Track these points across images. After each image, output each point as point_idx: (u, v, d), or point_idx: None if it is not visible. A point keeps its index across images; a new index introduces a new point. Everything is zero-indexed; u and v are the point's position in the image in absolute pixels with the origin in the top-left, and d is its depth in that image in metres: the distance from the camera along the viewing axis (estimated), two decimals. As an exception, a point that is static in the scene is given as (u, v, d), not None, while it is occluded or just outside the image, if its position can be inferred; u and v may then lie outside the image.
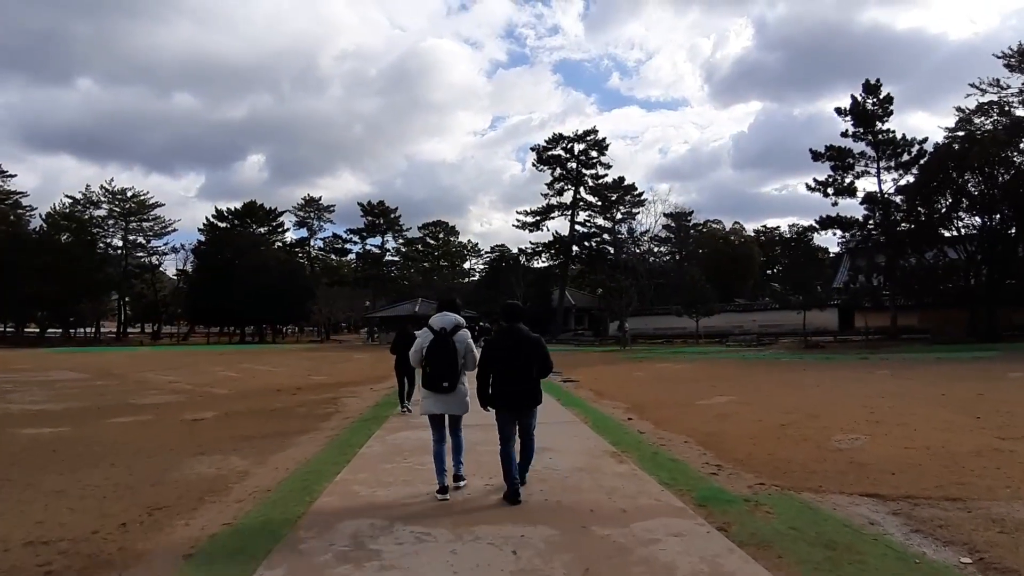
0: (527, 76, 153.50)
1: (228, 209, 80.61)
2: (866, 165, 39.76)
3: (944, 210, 35.14)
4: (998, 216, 33.29)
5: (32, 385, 20.56)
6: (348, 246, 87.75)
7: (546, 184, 64.59)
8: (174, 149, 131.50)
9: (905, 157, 38.51)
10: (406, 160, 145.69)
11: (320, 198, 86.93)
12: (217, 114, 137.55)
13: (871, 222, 39.66)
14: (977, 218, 34.73)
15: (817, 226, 43.36)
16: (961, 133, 36.70)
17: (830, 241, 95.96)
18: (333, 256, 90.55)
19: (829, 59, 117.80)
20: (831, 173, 40.75)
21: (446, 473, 5.90)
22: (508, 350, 5.89)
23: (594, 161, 63.12)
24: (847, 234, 43.69)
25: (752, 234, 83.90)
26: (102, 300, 74.72)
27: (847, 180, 40.45)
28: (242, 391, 18.03)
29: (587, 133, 63.13)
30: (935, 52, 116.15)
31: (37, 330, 72.22)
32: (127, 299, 80.00)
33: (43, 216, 71.64)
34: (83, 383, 21.34)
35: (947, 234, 35.86)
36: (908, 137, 38.47)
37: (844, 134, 40.50)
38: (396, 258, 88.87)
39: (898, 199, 38.13)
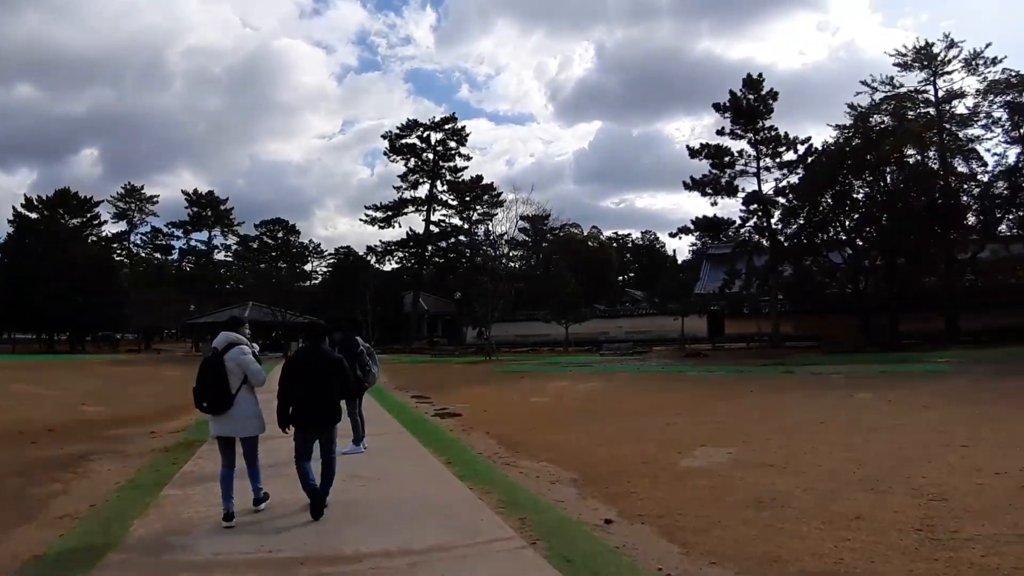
0: (379, 83, 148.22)
1: (38, 197, 67.23)
2: (746, 164, 37.33)
3: (832, 212, 33.23)
4: (885, 218, 31.53)
5: None
6: (172, 242, 76.33)
7: (399, 176, 58.34)
8: (7, 142, 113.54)
9: (789, 156, 36.34)
10: (250, 160, 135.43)
11: (142, 187, 74.78)
12: (58, 107, 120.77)
13: (751, 224, 37.42)
14: (864, 220, 32.99)
15: (693, 227, 40.77)
16: (850, 133, 34.98)
17: (679, 249, 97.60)
18: (157, 254, 78.61)
19: (665, 84, 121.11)
20: (708, 171, 38.14)
21: (233, 499, 5.55)
22: (307, 369, 5.83)
23: (453, 152, 57.39)
24: (723, 237, 41.63)
25: (606, 239, 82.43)
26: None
27: (723, 180, 38.00)
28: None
29: (445, 120, 57.33)
30: (765, 81, 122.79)
31: None
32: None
33: None
34: None
35: (834, 237, 33.99)
36: (791, 136, 36.44)
37: (721, 132, 37.85)
38: (228, 257, 78.67)
39: (781, 200, 36.03)
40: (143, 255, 78.52)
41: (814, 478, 6.62)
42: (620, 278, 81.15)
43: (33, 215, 66.46)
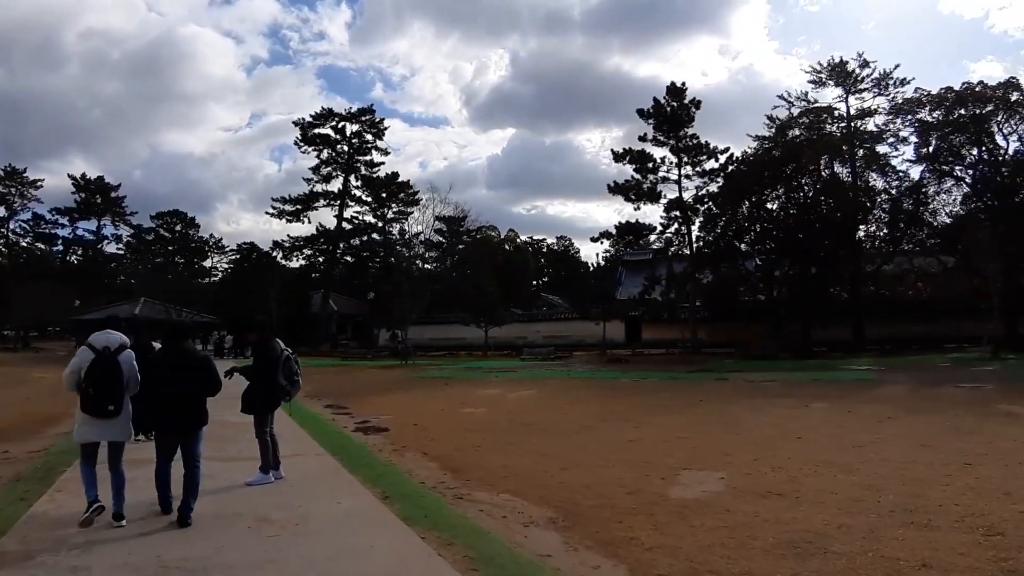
0: (290, 77, 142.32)
1: (-94, 181, 59.76)
2: (668, 171, 37.24)
3: (749, 221, 33.48)
4: (799, 228, 31.92)
5: None
6: (56, 231, 69.34)
7: (311, 168, 55.01)
8: None
9: (711, 164, 36.48)
10: (149, 149, 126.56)
11: (25, 170, 67.24)
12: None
13: (672, 230, 37.37)
14: (779, 229, 33.35)
15: (614, 232, 40.56)
16: (769, 145, 35.37)
17: (597, 255, 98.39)
18: (39, 244, 71.08)
19: (577, 96, 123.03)
20: (631, 176, 37.84)
21: (97, 489, 5.34)
22: (173, 371, 5.65)
23: (369, 146, 54.67)
24: (642, 243, 41.61)
25: (522, 243, 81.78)
26: None
27: (646, 185, 37.79)
28: None
29: (362, 112, 54.49)
30: (687, 90, 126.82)
31: None
32: None
33: None
34: None
35: (751, 246, 34.28)
36: (711, 145, 36.57)
37: (643, 138, 37.58)
38: (119, 250, 72.56)
39: (701, 208, 36.06)
40: (24, 244, 71.11)
41: (836, 510, 5.55)
42: (535, 282, 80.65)
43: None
